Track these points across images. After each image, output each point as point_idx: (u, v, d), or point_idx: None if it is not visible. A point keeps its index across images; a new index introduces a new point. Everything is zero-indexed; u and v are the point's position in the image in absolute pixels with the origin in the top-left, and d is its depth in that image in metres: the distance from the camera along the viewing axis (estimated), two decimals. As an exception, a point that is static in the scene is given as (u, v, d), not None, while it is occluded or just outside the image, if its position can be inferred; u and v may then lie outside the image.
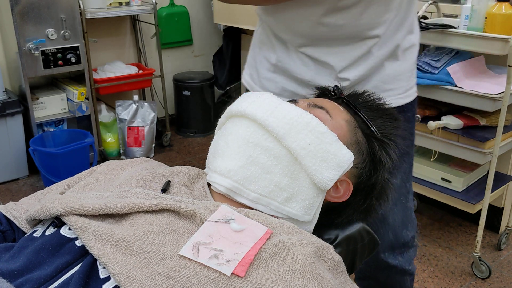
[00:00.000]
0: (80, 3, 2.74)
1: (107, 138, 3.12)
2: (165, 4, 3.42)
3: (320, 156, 0.81)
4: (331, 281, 0.68)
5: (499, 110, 1.84)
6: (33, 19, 2.57)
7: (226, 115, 0.90)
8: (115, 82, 3.01)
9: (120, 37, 3.30)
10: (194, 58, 3.72)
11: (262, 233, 0.71)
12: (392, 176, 0.94)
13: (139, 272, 0.66)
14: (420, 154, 2.25)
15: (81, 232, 0.73)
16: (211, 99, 3.56)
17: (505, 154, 2.13)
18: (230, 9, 3.07)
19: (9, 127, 2.74)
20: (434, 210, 2.55)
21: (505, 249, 2.25)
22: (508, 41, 1.74)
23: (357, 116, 0.92)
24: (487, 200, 1.97)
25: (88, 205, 0.77)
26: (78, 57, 2.75)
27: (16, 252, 0.76)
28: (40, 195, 0.95)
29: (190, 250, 0.68)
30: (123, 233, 0.71)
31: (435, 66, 1.98)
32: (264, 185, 0.81)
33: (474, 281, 2.04)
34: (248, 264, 0.67)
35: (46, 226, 0.80)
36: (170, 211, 0.76)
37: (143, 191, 0.81)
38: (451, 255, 2.20)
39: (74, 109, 2.86)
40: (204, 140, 3.50)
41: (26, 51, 2.59)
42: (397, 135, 0.93)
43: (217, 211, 0.75)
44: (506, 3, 1.82)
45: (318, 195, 0.83)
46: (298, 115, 0.83)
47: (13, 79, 2.92)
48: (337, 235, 0.89)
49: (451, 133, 1.98)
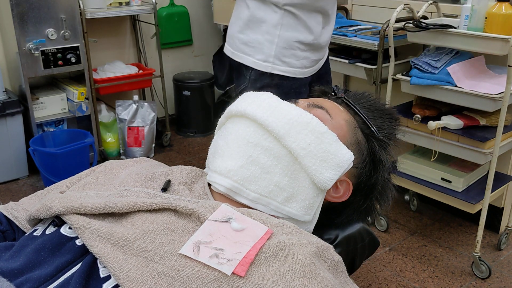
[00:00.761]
0: (80, 3, 2.74)
1: (107, 138, 3.12)
2: (165, 4, 3.42)
3: (320, 156, 0.81)
4: (331, 281, 0.68)
5: (499, 110, 1.84)
6: (33, 19, 2.57)
7: (226, 115, 0.90)
8: (115, 82, 3.01)
9: (120, 37, 3.30)
10: (194, 58, 3.72)
11: (263, 233, 0.71)
12: None
13: (140, 271, 0.66)
14: (420, 154, 2.25)
15: (81, 231, 0.73)
16: (211, 99, 3.56)
17: (505, 154, 2.13)
18: (230, 9, 3.06)
19: (9, 127, 2.74)
20: (434, 210, 2.55)
21: (505, 249, 2.25)
22: (508, 41, 1.74)
23: (357, 116, 0.92)
24: (487, 200, 1.97)
25: (89, 204, 0.77)
26: (78, 57, 2.75)
27: (16, 251, 0.76)
28: (40, 195, 0.95)
29: (191, 249, 0.68)
30: (123, 232, 0.71)
31: (435, 66, 1.98)
32: (264, 185, 0.81)
33: (474, 281, 2.04)
34: (248, 263, 0.67)
35: (46, 225, 0.80)
36: (170, 210, 0.76)
37: (144, 190, 0.81)
38: (451, 255, 2.20)
39: (74, 109, 2.86)
40: (204, 140, 3.50)
41: (26, 51, 2.59)
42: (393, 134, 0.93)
43: (217, 210, 0.75)
44: (506, 3, 1.82)
45: (318, 195, 0.83)
46: (298, 115, 0.83)
47: (13, 79, 2.92)
48: (337, 235, 0.89)
49: (451, 133, 1.98)
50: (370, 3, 2.45)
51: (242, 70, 1.66)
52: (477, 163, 2.01)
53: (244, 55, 1.62)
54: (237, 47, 1.64)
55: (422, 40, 2.06)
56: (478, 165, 2.12)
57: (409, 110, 2.16)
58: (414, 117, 2.05)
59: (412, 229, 2.40)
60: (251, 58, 1.60)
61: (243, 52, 1.62)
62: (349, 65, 2.34)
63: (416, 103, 2.18)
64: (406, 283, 2.02)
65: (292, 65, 1.59)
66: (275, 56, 1.57)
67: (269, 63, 1.57)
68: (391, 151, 0.92)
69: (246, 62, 1.61)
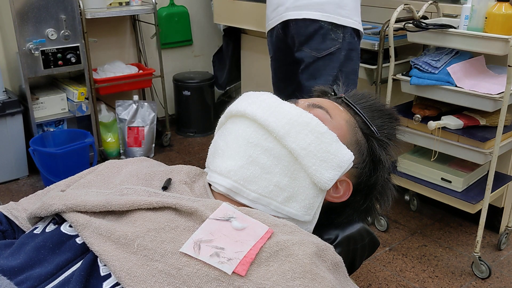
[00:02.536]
0: (80, 3, 2.74)
1: (107, 138, 3.12)
2: (165, 4, 3.42)
3: (320, 156, 0.81)
4: (331, 281, 0.68)
5: (499, 110, 1.84)
6: (33, 19, 2.57)
7: (226, 115, 0.90)
8: (115, 82, 3.01)
9: (120, 37, 3.30)
10: (194, 58, 3.72)
11: (263, 232, 0.71)
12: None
13: (140, 269, 0.66)
14: (420, 154, 2.25)
15: (81, 229, 0.73)
16: (211, 99, 3.56)
17: (505, 154, 2.13)
18: (230, 9, 3.07)
19: (9, 127, 2.74)
20: (434, 210, 2.55)
21: (505, 249, 2.25)
22: (508, 41, 1.74)
23: (357, 116, 0.92)
24: (487, 200, 1.97)
25: (89, 202, 0.77)
26: (78, 57, 2.75)
27: (16, 249, 0.76)
28: (40, 195, 0.95)
29: (191, 247, 0.68)
30: (124, 231, 0.71)
31: (435, 66, 1.98)
32: (264, 185, 0.81)
33: (474, 281, 2.04)
34: (249, 263, 0.67)
35: (47, 223, 0.80)
36: (171, 208, 0.76)
37: (144, 188, 0.81)
38: (451, 255, 2.20)
39: (74, 109, 2.86)
40: (204, 140, 3.50)
41: (26, 51, 2.59)
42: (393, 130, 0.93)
43: (218, 209, 0.75)
44: (506, 3, 1.82)
45: (318, 195, 0.83)
46: (298, 115, 0.83)
47: (13, 79, 2.92)
48: (337, 235, 0.89)
49: (451, 133, 1.98)
50: (370, 3, 2.45)
51: (329, 34, 1.80)
52: (477, 163, 2.01)
53: (341, 17, 1.79)
54: (333, 11, 1.79)
55: (422, 40, 2.06)
56: (478, 165, 2.12)
57: (409, 110, 2.16)
58: (414, 117, 2.06)
59: (412, 229, 2.40)
60: (349, 20, 1.80)
61: (340, 14, 1.79)
62: (349, 65, 2.34)
63: (416, 103, 2.18)
64: (406, 283, 2.02)
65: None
66: (359, 20, 1.84)
67: (361, 24, 1.85)
68: (391, 151, 0.92)
69: (344, 23, 1.79)
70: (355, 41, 1.85)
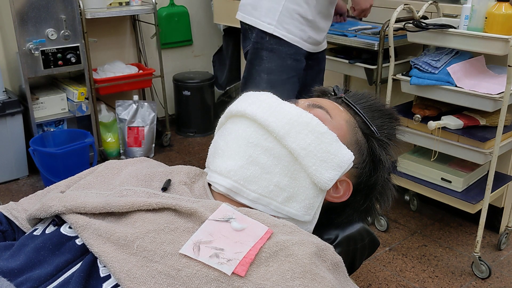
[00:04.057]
0: (80, 3, 2.74)
1: (107, 138, 3.12)
2: (165, 4, 3.42)
3: (320, 156, 0.81)
4: (331, 281, 0.68)
5: (499, 110, 1.84)
6: (33, 19, 2.57)
7: (226, 115, 0.90)
8: (115, 82, 3.01)
9: (120, 37, 3.30)
10: (194, 58, 3.72)
11: (263, 233, 0.71)
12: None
13: (140, 271, 0.66)
14: (420, 154, 2.25)
15: (81, 230, 0.73)
16: (211, 99, 3.56)
17: (505, 154, 2.13)
18: (230, 9, 3.07)
19: (9, 127, 2.74)
20: (434, 210, 2.55)
21: (505, 249, 2.25)
22: (508, 41, 1.74)
23: (357, 116, 0.92)
24: (487, 200, 1.97)
25: (89, 203, 0.77)
26: (78, 57, 2.75)
27: (16, 251, 0.76)
28: (40, 195, 0.95)
29: (191, 249, 0.68)
30: (123, 232, 0.71)
31: (435, 66, 1.98)
32: (264, 185, 0.81)
33: (474, 281, 2.04)
34: (248, 263, 0.67)
35: (46, 224, 0.80)
36: (170, 209, 0.76)
37: (144, 189, 0.81)
38: (451, 255, 2.20)
39: (74, 109, 2.86)
40: (204, 140, 3.50)
41: (26, 51, 2.59)
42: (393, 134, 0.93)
43: (217, 210, 0.75)
44: (506, 3, 1.82)
45: (318, 195, 0.83)
46: (298, 115, 0.83)
47: (13, 79, 2.92)
48: (337, 235, 0.89)
49: (451, 133, 1.98)
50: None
51: (247, 33, 1.91)
52: (477, 163, 2.01)
53: (251, 18, 1.86)
54: (248, 12, 1.88)
55: (422, 40, 2.06)
56: (478, 165, 2.12)
57: (409, 110, 2.16)
58: (414, 117, 2.05)
59: (412, 229, 2.40)
60: (257, 20, 1.85)
61: (251, 15, 1.86)
62: (349, 65, 2.34)
63: (416, 103, 2.18)
64: (406, 283, 2.02)
65: (291, 32, 1.83)
66: (277, 21, 1.82)
67: (272, 25, 1.82)
68: (391, 151, 0.92)
69: (252, 23, 1.86)
70: (265, 41, 1.84)
